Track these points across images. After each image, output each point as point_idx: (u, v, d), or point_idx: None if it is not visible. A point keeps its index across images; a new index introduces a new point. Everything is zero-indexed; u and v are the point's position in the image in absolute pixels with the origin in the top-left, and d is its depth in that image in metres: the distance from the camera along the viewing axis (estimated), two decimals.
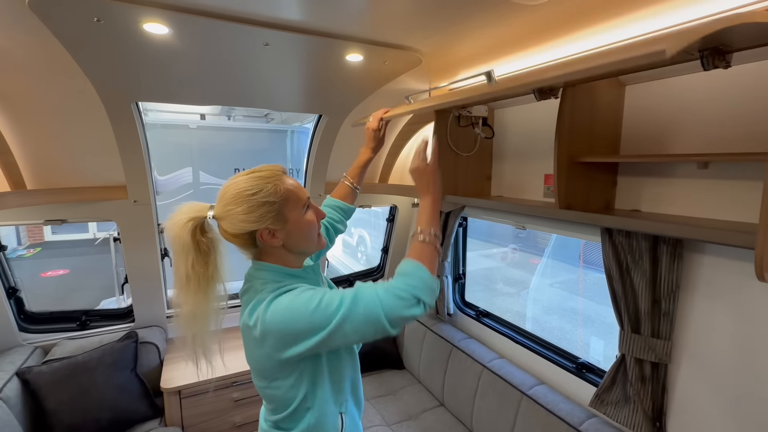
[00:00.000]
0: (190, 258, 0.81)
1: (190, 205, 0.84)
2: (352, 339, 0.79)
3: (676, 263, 1.19)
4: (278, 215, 0.83)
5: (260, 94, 1.54)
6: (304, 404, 0.87)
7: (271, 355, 0.80)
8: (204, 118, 5.42)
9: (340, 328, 0.76)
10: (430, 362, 2.16)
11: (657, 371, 1.27)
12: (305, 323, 0.76)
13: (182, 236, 0.80)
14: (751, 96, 1.02)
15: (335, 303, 0.77)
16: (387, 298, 0.78)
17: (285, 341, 0.78)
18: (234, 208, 0.81)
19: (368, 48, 1.10)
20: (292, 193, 0.85)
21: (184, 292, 0.82)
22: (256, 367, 0.87)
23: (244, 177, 0.84)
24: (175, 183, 4.11)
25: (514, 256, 7.34)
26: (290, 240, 0.86)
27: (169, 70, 1.29)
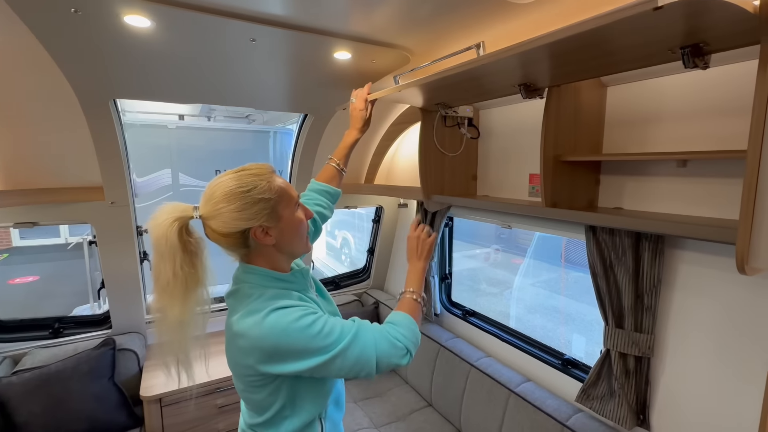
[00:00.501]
0: (177, 259, 0.77)
1: (172, 205, 0.81)
2: (336, 374, 0.79)
3: (657, 259, 1.22)
4: (272, 212, 0.81)
5: (245, 92, 1.52)
6: (282, 412, 0.86)
7: (254, 366, 0.79)
8: (183, 119, 5.30)
9: (331, 361, 0.77)
10: (418, 362, 2.16)
11: (640, 365, 1.30)
12: (300, 347, 0.76)
13: (169, 236, 0.76)
14: (727, 97, 1.06)
15: (335, 335, 0.78)
16: (384, 344, 0.81)
17: (272, 358, 0.77)
18: (226, 206, 0.79)
19: (356, 45, 1.09)
20: (286, 191, 0.84)
21: (169, 296, 0.78)
22: (236, 372, 0.85)
23: (233, 175, 0.82)
24: (154, 185, 3.99)
25: (496, 256, 7.44)
26: (282, 239, 0.85)
27: (151, 66, 1.25)
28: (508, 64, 1.00)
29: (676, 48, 0.86)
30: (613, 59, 0.97)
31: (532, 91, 1.27)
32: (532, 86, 1.25)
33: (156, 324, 0.82)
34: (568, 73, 1.11)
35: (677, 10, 0.63)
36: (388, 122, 2.13)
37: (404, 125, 2.07)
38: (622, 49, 0.90)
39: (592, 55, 0.96)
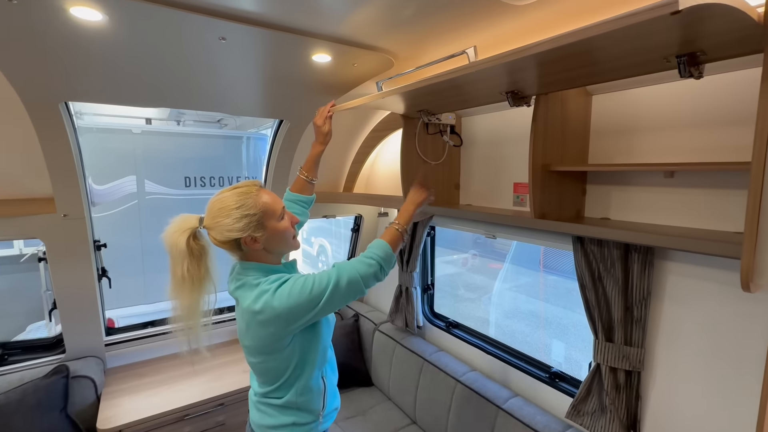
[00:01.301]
0: (185, 262, 0.98)
1: (183, 217, 1.03)
2: (340, 303, 1.01)
3: (647, 270, 1.20)
4: (258, 224, 1.00)
5: (215, 96, 1.40)
6: (294, 372, 1.06)
7: (275, 332, 0.98)
8: (150, 123, 5.04)
9: (330, 298, 0.98)
10: (401, 378, 2.07)
11: (630, 379, 1.27)
12: (306, 303, 0.96)
13: (178, 244, 0.97)
14: (715, 107, 1.05)
15: (325, 280, 0.99)
16: (361, 267, 1.03)
17: (291, 318, 0.97)
18: (222, 220, 0.99)
19: (336, 48, 1.01)
20: (269, 206, 1.03)
21: (180, 290, 1.00)
22: (257, 345, 1.02)
23: (227, 193, 1.02)
24: (116, 193, 3.75)
25: (474, 261, 7.48)
26: (269, 244, 1.05)
27: (107, 65, 1.12)
28: (496, 72, 0.95)
29: (672, 56, 0.83)
30: (605, 67, 0.93)
31: (519, 99, 1.23)
32: (519, 94, 1.21)
33: (172, 310, 1.03)
34: (558, 81, 1.07)
35: (687, 17, 0.59)
36: (368, 129, 2.06)
37: (384, 132, 2.01)
38: (616, 58, 0.87)
39: (584, 63, 0.92)
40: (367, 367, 2.36)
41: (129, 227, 3.86)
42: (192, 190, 4.20)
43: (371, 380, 2.34)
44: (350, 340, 2.37)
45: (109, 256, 2.06)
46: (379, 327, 2.35)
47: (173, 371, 2.07)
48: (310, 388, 1.10)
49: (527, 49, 0.76)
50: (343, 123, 1.99)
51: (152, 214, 3.94)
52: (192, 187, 4.20)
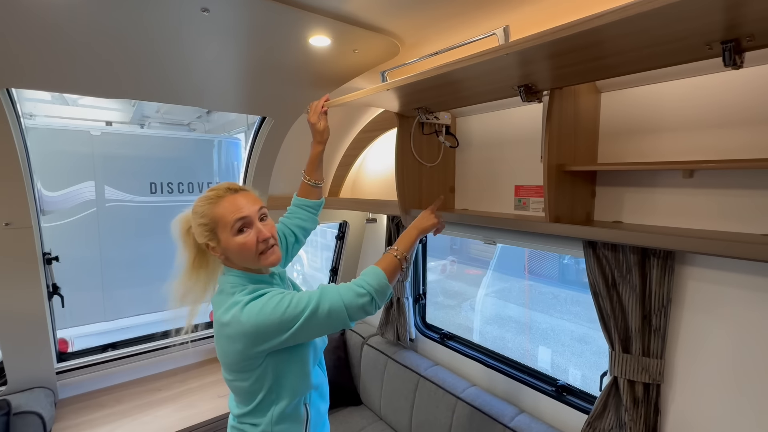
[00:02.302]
0: (194, 252, 1.00)
1: (184, 213, 1.02)
2: (317, 331, 0.92)
3: (666, 276, 1.13)
4: (211, 233, 0.94)
5: (192, 86, 1.23)
6: (268, 397, 0.97)
7: (243, 351, 0.90)
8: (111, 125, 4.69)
9: (306, 324, 0.88)
10: (394, 396, 1.93)
11: (648, 392, 1.19)
12: (276, 322, 0.87)
13: (179, 234, 1.00)
14: (726, 104, 1.00)
15: (303, 303, 0.89)
16: (348, 295, 0.92)
17: (258, 338, 0.88)
18: (192, 221, 0.97)
19: (338, 28, 0.88)
20: (221, 217, 0.93)
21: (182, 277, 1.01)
22: (225, 361, 0.95)
23: (202, 194, 0.97)
24: (72, 200, 3.42)
25: (452, 268, 7.45)
26: (228, 256, 0.96)
27: (59, 44, 0.94)
28: (524, 57, 0.85)
29: (716, 42, 0.76)
30: (639, 55, 0.85)
31: (532, 94, 1.14)
32: (533, 88, 1.12)
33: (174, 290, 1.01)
34: (582, 72, 0.98)
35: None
36: (356, 130, 1.93)
37: (374, 133, 1.88)
38: (656, 43, 0.79)
39: (620, 49, 0.83)
40: (355, 384, 2.20)
41: (86, 237, 3.52)
42: (158, 197, 3.91)
43: (360, 399, 2.18)
44: (336, 356, 2.21)
45: (63, 270, 1.81)
46: (368, 341, 2.20)
47: (137, 399, 1.83)
48: (288, 417, 1.00)
49: (575, 25, 0.66)
50: (329, 122, 1.85)
51: (113, 223, 3.62)
52: (158, 194, 3.91)
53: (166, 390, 1.91)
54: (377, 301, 0.94)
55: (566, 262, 6.21)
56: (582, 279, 5.92)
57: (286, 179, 1.94)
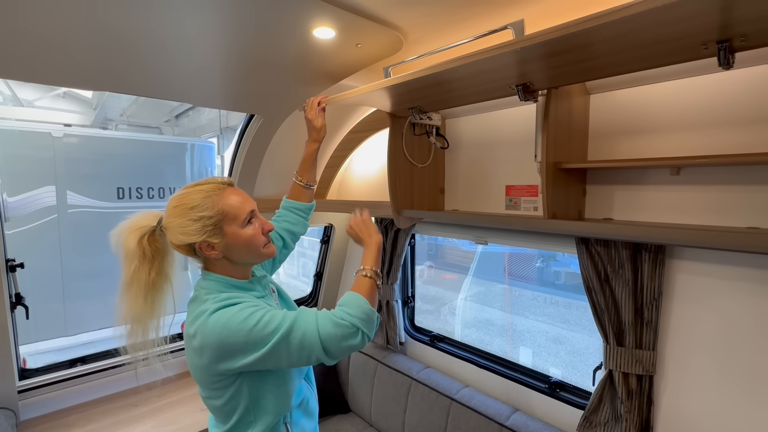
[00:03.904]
0: (133, 264, 0.85)
1: (141, 214, 0.90)
2: (286, 363, 0.81)
3: (657, 270, 1.17)
4: (215, 229, 0.86)
5: (180, 80, 1.17)
6: (246, 417, 0.88)
7: (209, 366, 0.82)
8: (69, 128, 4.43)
9: (275, 350, 0.78)
10: (385, 401, 1.90)
11: (641, 384, 1.23)
12: (241, 340, 0.78)
13: (127, 243, 0.85)
14: (711, 106, 1.06)
15: (274, 324, 0.79)
16: (325, 325, 0.81)
17: (221, 355, 0.80)
18: (174, 221, 0.85)
19: (344, 19, 0.86)
20: (230, 209, 0.87)
21: (125, 297, 0.86)
22: (196, 376, 0.88)
23: (188, 189, 0.88)
24: (31, 206, 3.18)
25: (430, 272, 7.50)
26: (230, 252, 0.89)
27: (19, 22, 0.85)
28: (530, 55, 0.86)
29: (711, 42, 0.80)
30: (638, 55, 0.88)
31: (529, 93, 1.16)
32: (531, 87, 1.14)
33: (117, 318, 0.88)
34: (579, 72, 1.01)
35: None
36: (345, 131, 1.91)
37: (363, 134, 1.87)
38: (653, 43, 0.82)
39: (616, 49, 0.86)
40: (343, 391, 2.15)
41: (45, 246, 3.28)
42: (126, 202, 3.71)
43: (348, 406, 2.12)
44: (322, 363, 2.15)
45: (20, 281, 1.67)
46: None
47: (110, 417, 1.70)
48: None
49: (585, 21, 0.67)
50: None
51: (76, 230, 3.39)
52: (126, 200, 3.71)
53: (143, 405, 1.79)
54: (366, 332, 0.84)
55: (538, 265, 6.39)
56: (556, 281, 6.11)
57: (273, 180, 1.88)
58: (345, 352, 0.83)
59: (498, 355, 1.75)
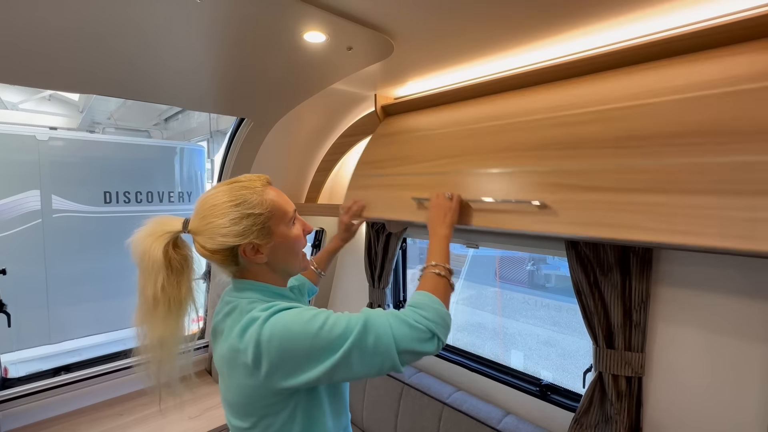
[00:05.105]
0: (160, 277, 0.72)
1: (161, 218, 0.77)
2: (357, 373, 0.70)
3: (645, 273, 1.19)
4: (263, 229, 0.77)
5: (170, 82, 1.16)
6: None
7: (265, 384, 0.70)
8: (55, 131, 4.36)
9: (346, 357, 0.68)
10: (378, 406, 1.88)
11: (631, 385, 1.24)
12: (306, 346, 0.68)
13: (152, 252, 0.72)
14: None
15: (341, 327, 0.70)
16: (400, 328, 0.72)
17: (282, 367, 0.69)
18: (215, 221, 0.75)
19: (335, 24, 0.86)
20: (279, 205, 0.80)
21: (151, 317, 0.73)
22: (242, 401, 0.74)
23: (224, 187, 0.78)
24: (14, 210, 3.11)
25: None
26: (275, 257, 0.81)
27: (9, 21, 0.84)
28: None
29: None
30: None
31: None
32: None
33: (138, 347, 0.76)
34: None
35: None
36: (336, 134, 1.91)
37: (354, 138, 1.87)
38: None
39: None
40: None
41: (29, 251, 3.20)
42: (113, 207, 3.66)
43: None
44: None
45: (7, 285, 1.63)
46: None
47: (95, 427, 1.66)
48: None
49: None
50: (308, 127, 1.82)
51: (61, 235, 3.33)
52: (113, 204, 3.66)
53: (129, 414, 1.75)
54: (441, 338, 0.75)
55: (529, 268, 6.45)
56: (546, 284, 6.16)
57: None
58: (415, 359, 0.74)
59: (489, 358, 1.75)
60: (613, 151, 0.92)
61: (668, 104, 0.89)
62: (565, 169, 0.99)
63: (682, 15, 0.88)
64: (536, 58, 1.14)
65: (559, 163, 1.01)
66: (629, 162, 0.89)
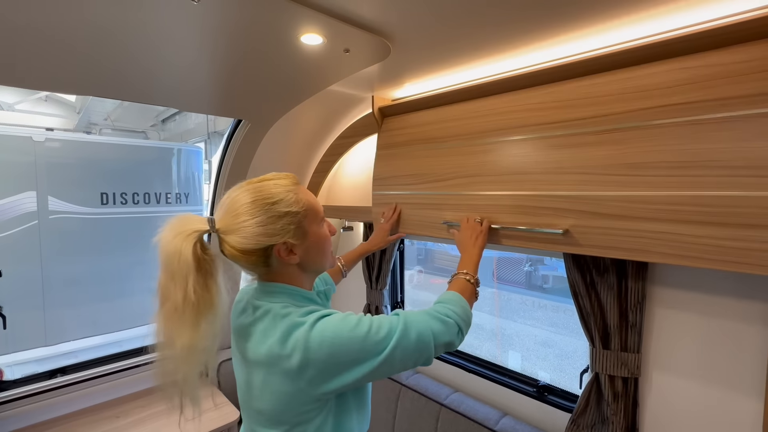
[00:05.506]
0: (190, 279, 0.66)
1: (185, 216, 0.71)
2: (396, 369, 0.73)
3: (641, 274, 1.19)
4: (298, 228, 0.76)
5: (166, 83, 1.16)
6: None
7: (306, 389, 0.70)
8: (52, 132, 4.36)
9: (391, 356, 0.70)
10: (375, 408, 1.88)
11: (627, 386, 1.24)
12: (356, 351, 0.69)
13: (183, 252, 0.66)
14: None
15: (386, 328, 0.72)
16: (434, 322, 0.77)
17: (330, 372, 0.69)
18: (248, 219, 0.71)
19: (331, 26, 0.87)
20: (313, 204, 0.79)
21: (178, 322, 0.67)
22: (277, 408, 0.72)
23: (256, 184, 0.76)
24: (9, 212, 3.10)
25: (419, 277, 7.51)
26: (307, 257, 0.79)
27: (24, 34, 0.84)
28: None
29: None
30: None
31: None
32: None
33: (158, 352, 0.70)
34: None
35: None
36: (334, 136, 1.91)
37: (352, 139, 1.87)
38: None
39: None
40: None
41: (25, 253, 3.19)
42: (110, 208, 3.64)
43: None
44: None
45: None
46: None
47: (91, 430, 1.65)
48: None
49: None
50: (305, 128, 1.82)
51: (58, 236, 3.31)
52: (110, 205, 3.64)
53: (126, 417, 1.74)
54: (464, 333, 0.81)
55: (526, 269, 6.46)
56: (544, 285, 6.18)
57: None
58: (441, 351, 0.78)
59: (487, 359, 1.76)
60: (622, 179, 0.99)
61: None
62: (575, 195, 1.07)
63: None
64: (534, 60, 1.15)
65: (569, 189, 1.08)
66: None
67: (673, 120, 0.91)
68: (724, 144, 0.85)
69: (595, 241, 1.05)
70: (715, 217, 0.86)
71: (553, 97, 1.14)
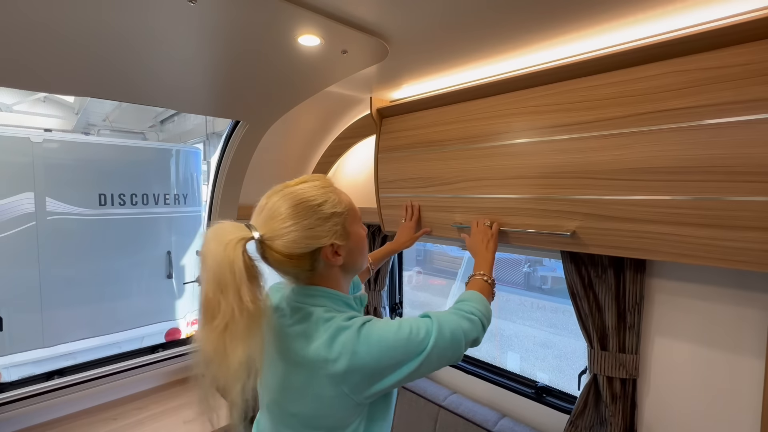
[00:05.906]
0: (244, 288, 0.63)
1: (225, 224, 0.68)
2: (434, 367, 0.75)
3: (639, 275, 1.19)
4: (343, 229, 0.76)
5: (163, 84, 1.16)
6: None
7: (348, 395, 0.70)
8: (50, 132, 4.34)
9: (429, 355, 0.72)
10: None
11: (625, 387, 1.24)
12: (400, 353, 0.70)
13: (236, 261, 0.63)
14: None
15: (423, 329, 0.74)
16: (461, 321, 0.80)
17: (374, 376, 0.70)
18: (296, 223, 0.71)
19: (328, 28, 0.87)
20: (352, 205, 0.80)
21: (230, 336, 0.63)
22: (317, 413, 0.72)
23: (294, 188, 0.74)
24: (8, 213, 3.09)
25: (418, 278, 7.51)
26: (350, 257, 0.79)
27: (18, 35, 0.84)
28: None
29: None
30: None
31: None
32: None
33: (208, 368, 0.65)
34: None
35: None
36: (332, 137, 1.91)
37: (350, 140, 1.87)
38: None
39: None
40: None
41: (23, 254, 3.18)
42: (108, 209, 3.63)
43: None
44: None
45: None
46: None
47: (90, 431, 1.65)
48: None
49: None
50: (303, 129, 1.82)
51: (55, 238, 3.30)
52: (108, 206, 3.64)
53: (123, 419, 1.73)
54: (485, 329, 0.85)
55: (525, 270, 6.46)
56: (542, 285, 6.18)
57: (259, 187, 1.86)
58: (470, 347, 0.81)
59: (485, 360, 1.76)
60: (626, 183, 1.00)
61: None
62: (580, 199, 1.09)
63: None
64: (532, 61, 1.15)
65: (573, 192, 1.09)
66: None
67: (672, 126, 0.91)
68: (724, 150, 0.86)
69: (602, 242, 1.08)
70: (716, 220, 0.88)
71: (551, 99, 1.14)
